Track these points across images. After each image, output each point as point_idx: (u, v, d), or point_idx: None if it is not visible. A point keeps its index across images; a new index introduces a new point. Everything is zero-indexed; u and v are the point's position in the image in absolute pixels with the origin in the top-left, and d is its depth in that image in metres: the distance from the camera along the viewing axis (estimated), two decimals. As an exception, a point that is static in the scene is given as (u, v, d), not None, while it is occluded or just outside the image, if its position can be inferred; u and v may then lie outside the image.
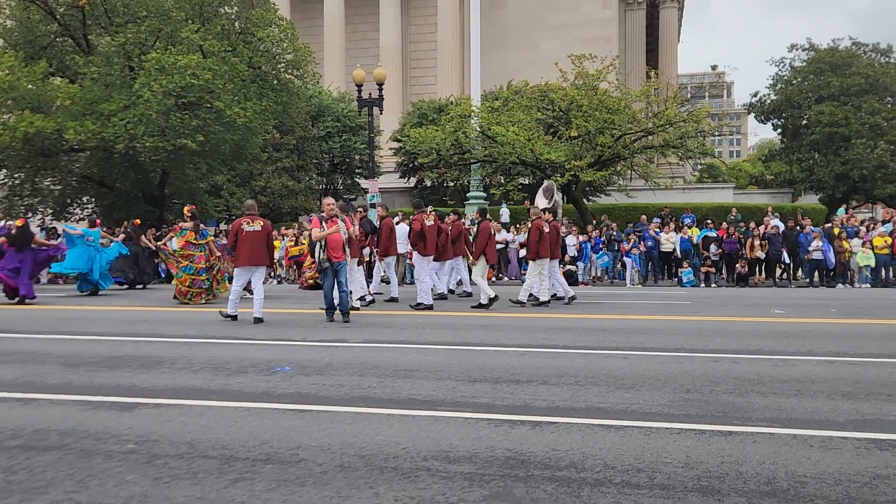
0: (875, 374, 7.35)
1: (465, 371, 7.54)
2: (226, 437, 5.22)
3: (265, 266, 12.91)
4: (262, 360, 8.33)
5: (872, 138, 42.79)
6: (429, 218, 14.78)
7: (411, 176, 36.60)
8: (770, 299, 16.42)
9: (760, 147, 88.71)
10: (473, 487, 4.18)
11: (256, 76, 25.94)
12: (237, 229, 12.50)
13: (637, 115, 26.70)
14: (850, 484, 4.21)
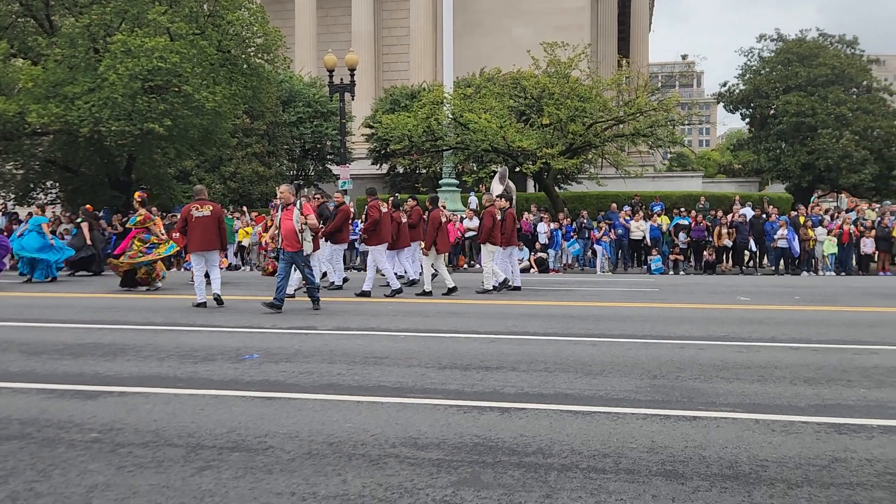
0: (836, 360, 7.49)
1: (435, 358, 7.56)
2: (192, 425, 5.19)
3: (217, 250, 12.98)
4: (230, 347, 8.27)
5: (838, 128, 43.44)
6: (383, 206, 14.60)
7: (383, 163, 36.45)
8: (736, 287, 16.64)
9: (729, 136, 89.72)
10: (441, 474, 4.19)
11: (226, 60, 25.56)
12: (186, 215, 12.57)
13: (608, 104, 26.81)
14: (810, 467, 4.30)
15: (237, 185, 30.86)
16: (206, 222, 12.53)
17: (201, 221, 12.47)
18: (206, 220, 12.54)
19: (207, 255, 12.72)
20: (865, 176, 42.64)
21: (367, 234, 14.42)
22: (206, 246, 12.60)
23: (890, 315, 11.31)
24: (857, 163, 42.71)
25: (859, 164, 42.74)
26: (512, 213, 15.70)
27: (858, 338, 8.89)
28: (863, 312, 11.63)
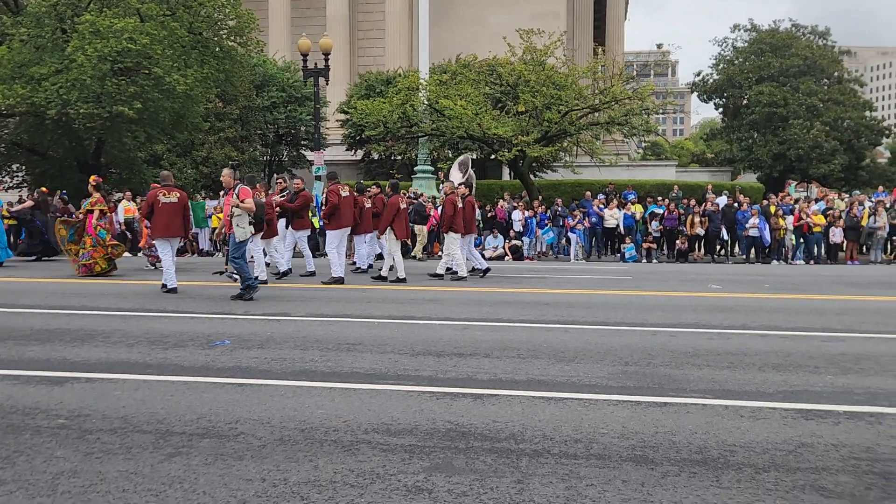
0: (804, 347, 7.60)
1: (408, 344, 7.55)
2: (162, 411, 5.13)
3: (180, 237, 13.00)
4: (201, 333, 8.19)
5: (809, 119, 43.94)
6: (344, 189, 14.37)
7: (358, 149, 36.23)
8: (708, 275, 16.81)
9: (702, 126, 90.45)
10: (414, 460, 4.19)
11: (197, 42, 25.18)
12: (153, 200, 12.45)
13: (584, 92, 26.85)
14: (777, 452, 4.35)
15: (209, 170, 30.48)
16: (172, 209, 12.46)
17: (168, 207, 12.38)
18: (174, 207, 12.47)
19: (172, 241, 12.67)
20: (835, 166, 43.22)
21: (327, 218, 14.33)
22: (172, 232, 12.55)
23: (857, 303, 11.48)
24: (828, 153, 43.26)
25: (829, 154, 43.30)
26: (472, 200, 15.67)
27: (826, 325, 9.03)
28: (831, 300, 11.80)
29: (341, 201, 13.98)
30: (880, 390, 5.82)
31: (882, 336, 8.30)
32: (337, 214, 14.00)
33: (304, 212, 15.51)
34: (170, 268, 12.32)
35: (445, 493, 3.73)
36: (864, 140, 46.54)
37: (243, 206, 11.31)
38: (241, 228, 11.28)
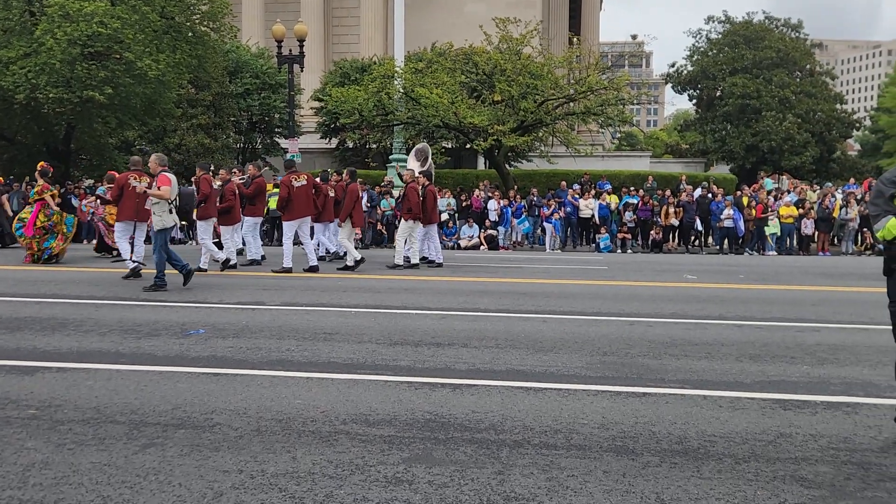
0: (780, 337, 7.65)
1: (385, 334, 7.49)
2: (135, 401, 5.04)
3: (146, 222, 12.77)
4: (175, 322, 8.07)
5: (781, 111, 44.44)
6: (299, 179, 14.14)
7: (333, 137, 35.97)
8: (683, 265, 16.93)
9: (676, 117, 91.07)
10: (393, 450, 4.15)
11: (169, 27, 24.80)
12: (123, 183, 12.38)
13: (559, 82, 26.84)
14: (756, 442, 4.37)
15: (182, 157, 30.09)
16: None
17: (137, 192, 12.27)
18: None
19: (139, 225, 12.72)
20: (807, 158, 43.79)
21: (280, 209, 14.16)
22: (142, 217, 12.54)
23: (830, 294, 11.62)
24: (799, 145, 43.80)
25: (801, 146, 43.85)
26: (433, 189, 15.59)
27: (801, 316, 9.11)
28: (805, 291, 11.92)
29: (293, 192, 13.70)
30: (856, 380, 5.87)
31: (856, 326, 8.39)
32: (290, 205, 13.77)
33: (257, 199, 15.16)
34: (128, 250, 12.42)
35: (426, 484, 3.69)
36: (835, 132, 47.22)
37: (154, 193, 10.90)
38: (158, 217, 10.78)
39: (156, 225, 10.86)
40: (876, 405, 5.18)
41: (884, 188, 4.42)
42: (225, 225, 14.39)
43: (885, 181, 4.45)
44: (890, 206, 4.36)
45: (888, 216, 4.33)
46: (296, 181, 13.76)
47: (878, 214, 4.41)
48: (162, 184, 10.78)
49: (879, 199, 4.42)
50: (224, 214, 14.28)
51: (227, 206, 14.19)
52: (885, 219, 4.34)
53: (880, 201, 4.41)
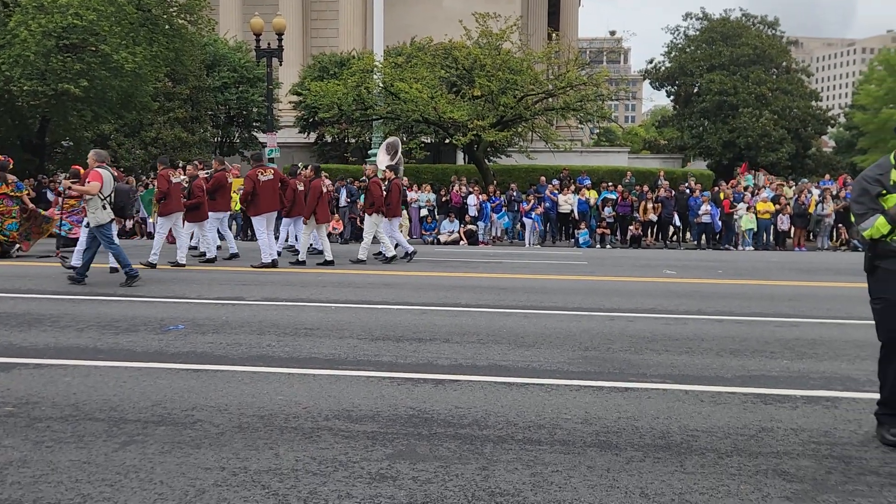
0: (759, 332, 7.71)
1: (367, 329, 7.46)
2: (115, 398, 4.97)
3: None
4: (153, 317, 7.98)
5: (758, 108, 44.79)
6: (266, 173, 13.96)
7: (311, 131, 35.75)
8: (661, 260, 17.02)
9: (654, 113, 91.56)
10: (376, 446, 4.13)
11: (146, 19, 24.48)
12: None
13: (539, 77, 26.86)
14: (739, 437, 4.40)
15: (159, 150, 29.79)
16: None
17: None
18: None
19: None
20: (783, 154, 44.18)
21: (244, 203, 14.01)
22: None
23: (807, 289, 11.73)
24: (776, 142, 44.18)
25: (777, 142, 44.23)
26: (398, 183, 15.51)
27: (779, 311, 9.19)
28: (782, 286, 12.03)
29: (259, 186, 13.56)
30: (835, 375, 5.93)
31: (834, 321, 8.48)
32: (256, 200, 13.61)
33: (218, 194, 14.89)
34: None
35: (410, 480, 3.67)
36: (811, 129, 47.68)
37: (78, 189, 10.80)
38: (92, 214, 10.56)
39: (91, 222, 10.64)
40: (855, 399, 5.23)
41: (869, 186, 4.42)
42: (192, 221, 14.11)
43: (869, 179, 4.45)
44: (876, 204, 4.36)
45: (876, 214, 4.33)
46: (262, 175, 13.67)
47: (864, 213, 4.41)
48: (92, 180, 10.55)
49: (865, 197, 4.43)
50: (191, 211, 13.97)
51: (196, 203, 13.93)
52: (874, 217, 4.34)
53: (866, 199, 4.41)
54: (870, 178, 4.44)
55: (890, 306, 4.35)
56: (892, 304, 4.33)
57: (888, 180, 4.33)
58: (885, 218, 4.29)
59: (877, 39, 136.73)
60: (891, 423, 4.37)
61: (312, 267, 13.80)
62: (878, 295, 4.42)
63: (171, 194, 13.26)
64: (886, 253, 4.36)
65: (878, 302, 4.41)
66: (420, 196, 23.81)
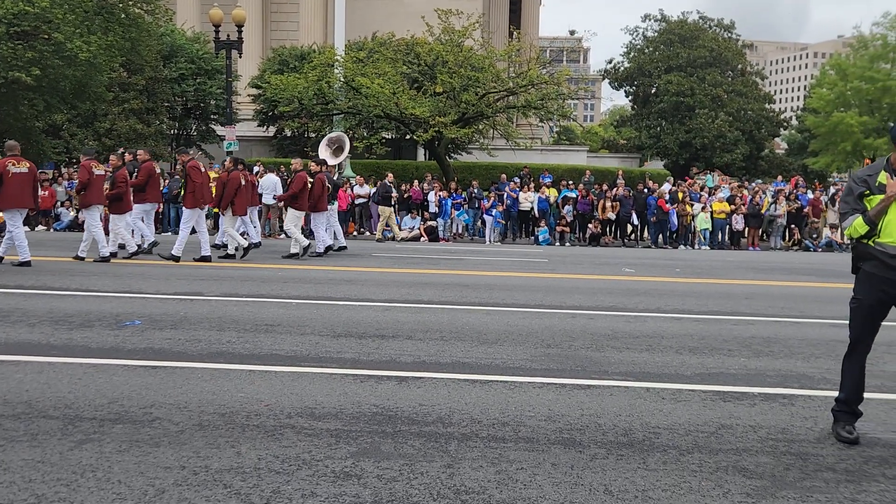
0: (717, 330, 7.84)
1: (329, 326, 7.40)
2: (69, 395, 4.85)
3: (28, 209, 12.67)
4: (109, 313, 7.81)
5: (714, 109, 45.59)
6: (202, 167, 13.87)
7: (271, 125, 35.37)
8: (620, 259, 17.20)
9: (613, 113, 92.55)
10: (340, 444, 4.09)
11: (101, 8, 23.91)
12: (3, 170, 11.94)
13: (501, 75, 26.94)
14: (699, 434, 4.46)
15: (113, 142, 29.15)
16: (23, 179, 12.04)
17: (19, 178, 11.93)
18: (24, 177, 12.06)
19: (22, 212, 12.31)
20: (737, 155, 45.03)
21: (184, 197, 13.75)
22: (23, 203, 12.18)
23: (762, 287, 11.95)
24: (730, 143, 45.02)
25: (732, 144, 45.07)
26: (322, 178, 15.35)
27: (736, 309, 9.35)
28: (738, 285, 12.24)
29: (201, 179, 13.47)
30: (791, 372, 6.05)
31: (788, 320, 8.65)
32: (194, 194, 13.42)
33: (147, 185, 14.43)
34: (23, 241, 11.96)
35: (375, 478, 3.64)
36: (765, 131, 48.69)
37: None
38: None
39: None
40: (811, 397, 5.34)
41: (855, 186, 4.47)
42: (115, 213, 13.71)
43: (856, 179, 4.50)
44: (859, 204, 4.42)
45: (855, 214, 4.40)
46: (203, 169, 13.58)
47: (846, 213, 4.47)
48: None
49: (849, 196, 4.48)
50: (114, 202, 13.61)
51: (117, 194, 13.55)
52: (853, 217, 4.41)
53: (850, 199, 4.47)
54: (857, 178, 4.50)
55: (862, 307, 4.44)
56: (865, 306, 4.42)
57: (874, 182, 4.37)
58: (863, 218, 4.35)
59: (828, 44, 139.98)
60: (846, 420, 4.47)
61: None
62: (855, 295, 4.50)
63: (92, 186, 12.94)
64: (866, 255, 4.43)
65: (854, 301, 4.49)
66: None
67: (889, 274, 4.30)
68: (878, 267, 4.35)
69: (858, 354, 4.48)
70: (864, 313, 4.43)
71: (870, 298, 4.39)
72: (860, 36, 41.20)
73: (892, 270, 4.28)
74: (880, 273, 4.33)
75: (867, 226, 4.34)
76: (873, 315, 4.42)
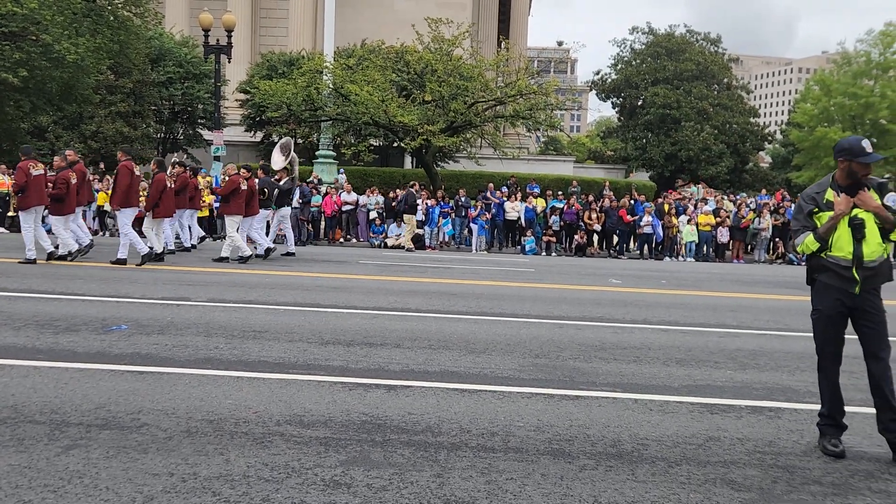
0: (703, 342, 7.88)
1: (316, 333, 7.38)
2: (56, 400, 4.81)
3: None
4: (95, 317, 7.75)
5: (699, 122, 45.93)
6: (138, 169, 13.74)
7: (258, 130, 35.32)
8: (607, 269, 17.25)
9: (599, 123, 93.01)
10: (330, 452, 4.08)
11: (90, 10, 23.83)
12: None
13: (490, 84, 27.02)
14: (687, 446, 4.48)
15: (99, 145, 29.02)
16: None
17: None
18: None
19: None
20: (722, 168, 45.35)
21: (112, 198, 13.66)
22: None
23: (747, 300, 12.03)
24: (715, 156, 45.35)
25: (717, 157, 45.41)
26: (253, 183, 15.28)
27: (721, 321, 9.41)
28: (724, 297, 12.31)
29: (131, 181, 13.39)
30: (777, 385, 6.09)
31: (773, 333, 8.71)
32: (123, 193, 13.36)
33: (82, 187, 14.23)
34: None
35: (365, 487, 3.64)
36: (749, 145, 49.09)
37: None
38: None
39: None
40: (797, 410, 5.38)
41: (804, 204, 4.61)
42: (56, 214, 13.47)
43: (806, 198, 4.64)
44: (809, 221, 4.55)
45: (807, 232, 4.53)
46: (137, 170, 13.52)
47: (798, 230, 4.60)
48: None
49: (800, 214, 4.62)
50: (55, 203, 13.37)
51: (58, 195, 13.25)
52: (804, 234, 4.54)
53: (801, 217, 4.61)
54: (807, 197, 4.62)
55: (823, 318, 4.53)
56: (826, 316, 4.51)
57: (822, 199, 4.51)
58: (814, 236, 4.48)
59: (813, 60, 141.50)
60: (832, 433, 4.51)
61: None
62: (815, 307, 4.59)
63: (30, 187, 12.77)
64: (820, 267, 4.54)
65: (815, 313, 4.58)
66: (368, 199, 23.70)
67: (843, 284, 4.43)
68: (832, 278, 4.48)
69: (828, 364, 4.56)
70: (825, 323, 4.53)
71: (829, 309, 4.50)
72: (844, 52, 41.64)
73: (846, 281, 4.42)
74: (835, 283, 4.46)
75: (818, 242, 4.48)
76: (835, 324, 4.51)
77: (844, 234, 4.41)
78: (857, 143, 4.40)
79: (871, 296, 4.42)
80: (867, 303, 4.41)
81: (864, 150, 4.37)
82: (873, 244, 4.39)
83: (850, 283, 4.40)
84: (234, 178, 14.72)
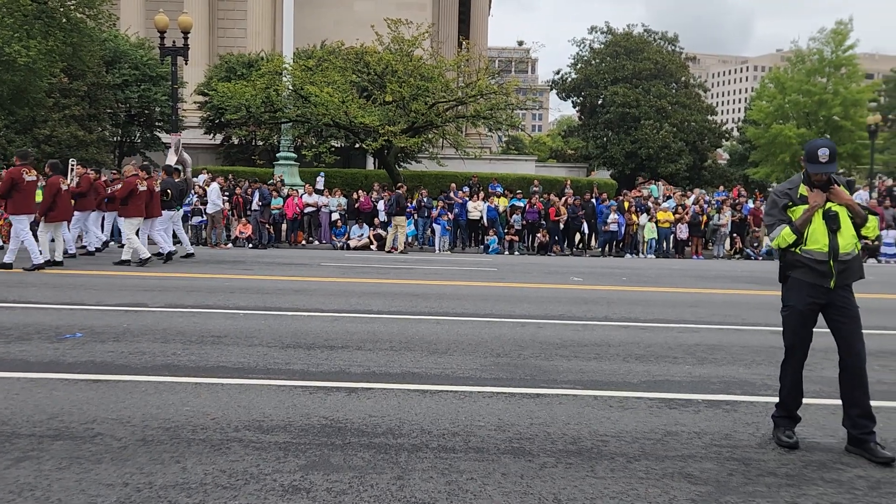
0: (663, 338, 7.97)
1: (277, 337, 7.31)
2: (6, 411, 4.70)
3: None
4: (48, 325, 7.59)
5: (658, 120, 46.44)
6: (30, 174, 13.21)
7: (217, 132, 34.91)
8: (569, 267, 17.38)
9: (560, 123, 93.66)
10: (289, 457, 4.04)
11: (41, 12, 23.31)
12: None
13: (450, 84, 27.03)
14: (646, 441, 4.52)
15: (53, 149, 28.39)
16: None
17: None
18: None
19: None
20: (681, 166, 45.92)
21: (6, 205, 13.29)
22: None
23: (706, 296, 12.21)
24: (675, 153, 45.90)
25: (676, 154, 45.95)
26: (151, 184, 15.19)
27: (681, 317, 9.52)
28: (683, 293, 12.48)
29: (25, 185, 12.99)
30: (734, 379, 6.19)
31: (732, 327, 8.84)
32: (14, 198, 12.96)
33: None
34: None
35: (324, 491, 3.61)
36: (707, 142, 49.78)
37: None
38: None
39: None
40: (753, 403, 5.46)
41: (778, 199, 4.68)
42: None
43: (779, 193, 4.72)
44: (784, 215, 4.62)
45: (782, 225, 4.60)
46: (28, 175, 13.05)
47: (772, 224, 4.67)
48: None
49: (774, 209, 4.69)
50: None
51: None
52: (780, 227, 4.61)
53: (775, 211, 4.67)
54: (780, 192, 4.71)
55: (794, 314, 4.58)
56: (797, 312, 4.56)
57: (796, 194, 4.61)
58: (790, 228, 4.54)
59: (768, 58, 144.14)
60: (786, 425, 4.59)
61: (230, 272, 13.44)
62: (786, 302, 4.65)
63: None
64: (795, 263, 4.60)
65: (786, 309, 4.64)
66: (331, 201, 23.56)
67: (818, 280, 4.49)
68: (806, 274, 4.53)
69: (795, 361, 4.62)
70: (796, 320, 4.59)
71: (801, 305, 4.55)
72: (798, 50, 42.40)
73: (820, 276, 4.48)
74: (809, 279, 4.52)
75: (794, 235, 4.55)
76: (805, 321, 4.57)
77: (819, 226, 4.49)
78: (814, 149, 4.48)
79: (844, 291, 4.49)
80: (840, 298, 4.47)
81: (818, 158, 4.45)
82: (847, 236, 4.47)
83: (824, 277, 4.46)
84: (130, 180, 14.49)
